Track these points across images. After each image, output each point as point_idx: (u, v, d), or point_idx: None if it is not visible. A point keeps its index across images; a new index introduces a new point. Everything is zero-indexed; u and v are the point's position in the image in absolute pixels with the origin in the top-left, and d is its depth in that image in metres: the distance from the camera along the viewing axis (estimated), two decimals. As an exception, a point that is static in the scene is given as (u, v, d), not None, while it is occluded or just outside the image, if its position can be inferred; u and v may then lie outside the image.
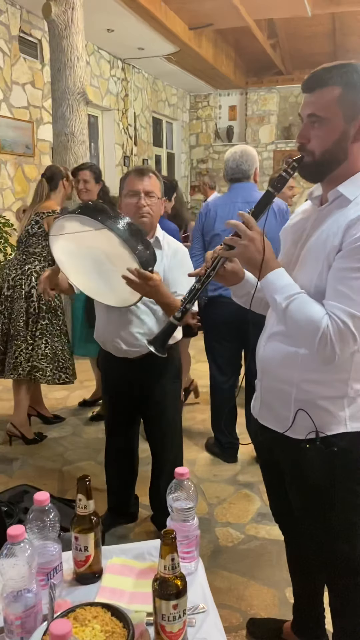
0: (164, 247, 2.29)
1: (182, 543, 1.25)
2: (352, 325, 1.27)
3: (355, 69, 1.32)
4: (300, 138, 1.38)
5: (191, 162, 10.36)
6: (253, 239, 1.37)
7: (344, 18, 7.84)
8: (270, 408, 1.55)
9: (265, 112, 9.77)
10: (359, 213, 1.28)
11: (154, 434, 2.52)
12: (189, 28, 6.61)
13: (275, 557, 2.48)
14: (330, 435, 1.43)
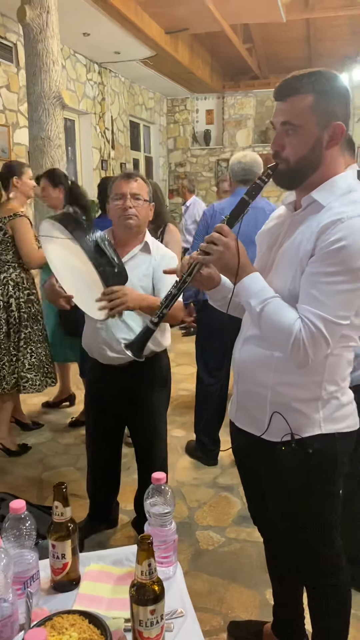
0: (152, 251, 2.28)
1: (159, 548, 1.24)
2: (324, 329, 1.28)
3: (325, 76, 1.34)
4: (275, 146, 1.39)
5: (169, 166, 10.38)
6: (228, 245, 1.38)
7: (317, 24, 7.94)
8: (246, 411, 1.56)
9: (242, 116, 9.84)
10: (332, 218, 1.29)
11: (140, 443, 2.50)
12: (165, 32, 6.63)
13: (255, 559, 2.49)
14: (305, 437, 1.44)
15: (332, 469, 1.50)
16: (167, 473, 2.75)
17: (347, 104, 1.38)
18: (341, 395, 1.48)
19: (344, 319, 1.30)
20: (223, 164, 9.99)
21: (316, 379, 1.42)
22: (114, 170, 7.86)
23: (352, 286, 1.28)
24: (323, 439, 1.45)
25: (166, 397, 2.52)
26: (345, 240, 1.25)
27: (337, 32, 8.22)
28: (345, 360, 1.46)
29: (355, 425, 1.52)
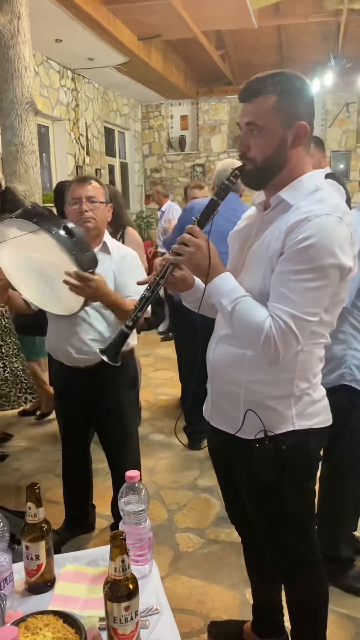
0: (112, 251, 2.29)
1: (135, 546, 1.24)
2: (294, 326, 1.30)
3: (288, 77, 1.36)
4: (241, 147, 1.41)
5: (145, 172, 10.40)
6: (199, 245, 1.39)
7: (289, 30, 8.05)
8: (221, 410, 1.56)
9: (216, 121, 9.91)
10: (300, 217, 1.31)
11: (110, 445, 2.49)
12: (137, 39, 6.65)
13: (235, 559, 2.50)
14: (278, 434, 1.45)
15: (306, 465, 1.52)
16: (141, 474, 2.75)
17: (311, 104, 1.41)
18: (313, 392, 1.49)
19: (313, 315, 1.32)
20: (198, 169, 10.05)
21: (288, 375, 1.44)
22: (90, 176, 7.86)
23: (320, 283, 1.30)
24: (296, 435, 1.46)
25: (135, 398, 2.52)
26: (312, 238, 1.27)
27: (307, 38, 8.34)
28: (316, 357, 1.48)
29: (328, 421, 1.54)
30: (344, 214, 1.32)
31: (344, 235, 1.30)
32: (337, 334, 2.04)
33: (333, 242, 1.28)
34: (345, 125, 9.40)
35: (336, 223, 1.29)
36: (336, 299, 1.41)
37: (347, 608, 2.18)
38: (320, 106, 9.45)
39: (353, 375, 2.07)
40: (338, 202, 1.35)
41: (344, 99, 9.28)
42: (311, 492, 1.59)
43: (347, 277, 1.37)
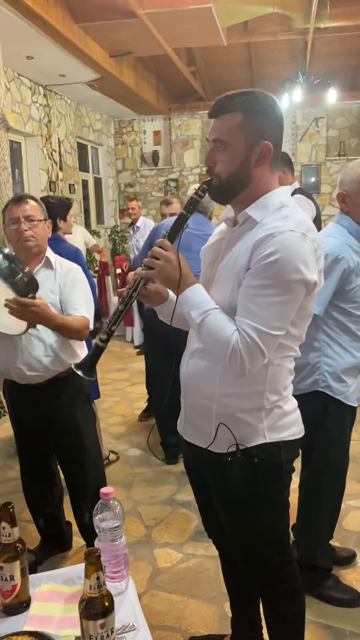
0: (56, 267, 2.30)
1: (110, 563, 1.24)
2: (259, 340, 1.32)
3: (256, 96, 1.40)
4: (208, 162, 1.45)
5: (119, 186, 10.43)
6: (169, 258, 1.41)
7: (258, 47, 8.20)
8: (194, 424, 1.57)
9: (189, 137, 10.01)
10: (265, 233, 1.34)
11: (68, 461, 2.47)
12: (109, 56, 6.71)
13: (213, 573, 2.49)
14: (250, 447, 1.46)
15: (278, 478, 1.53)
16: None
17: (278, 125, 1.43)
18: (284, 404, 1.51)
19: (278, 329, 1.34)
20: (172, 184, 10.12)
21: (258, 389, 1.45)
22: (62, 192, 7.84)
23: (285, 298, 1.33)
24: (268, 448, 1.47)
25: (91, 412, 2.51)
26: (277, 254, 1.30)
27: (276, 55, 8.51)
28: (286, 370, 1.51)
29: (299, 433, 1.56)
30: (308, 231, 1.35)
31: (308, 251, 1.33)
32: (312, 342, 2.09)
33: (297, 258, 1.31)
34: (314, 139, 9.58)
35: (300, 239, 1.32)
36: (303, 313, 1.43)
37: (325, 618, 2.20)
38: (291, 121, 9.63)
39: (326, 381, 2.11)
40: (302, 219, 1.37)
41: (313, 114, 9.47)
42: (284, 502, 1.60)
43: (314, 292, 1.40)
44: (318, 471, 2.24)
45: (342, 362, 2.11)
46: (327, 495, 2.27)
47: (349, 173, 2.07)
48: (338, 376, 2.12)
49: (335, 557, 2.49)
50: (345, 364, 2.12)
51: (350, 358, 2.12)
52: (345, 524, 2.82)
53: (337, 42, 7.83)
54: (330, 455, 2.21)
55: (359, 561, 2.54)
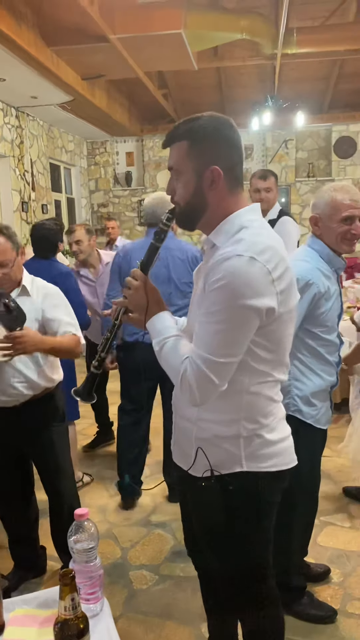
0: (32, 293, 2.28)
1: (85, 584, 1.23)
2: (206, 368, 1.30)
3: (201, 122, 1.39)
4: (168, 191, 1.47)
5: (92, 207, 10.46)
6: (137, 287, 1.46)
7: (228, 72, 8.39)
8: (179, 445, 1.58)
9: (161, 158, 10.12)
10: (217, 259, 1.34)
11: (46, 482, 2.47)
12: (81, 78, 6.77)
13: (190, 593, 2.48)
14: (225, 474, 1.44)
15: (255, 509, 1.49)
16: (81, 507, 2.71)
17: (229, 146, 1.40)
18: (267, 433, 1.45)
19: (227, 357, 1.31)
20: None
21: (234, 416, 1.43)
22: (35, 212, 7.83)
23: (231, 325, 1.30)
24: (245, 477, 1.44)
25: (66, 431, 2.51)
26: (224, 280, 1.28)
27: (245, 79, 8.71)
28: (265, 397, 1.45)
29: (286, 464, 1.51)
30: (260, 253, 1.30)
31: (257, 275, 1.28)
32: None
33: (242, 283, 1.27)
34: (284, 161, 9.78)
35: (247, 263, 1.28)
36: (274, 336, 1.39)
37: (301, 635, 2.20)
38: (261, 143, 9.83)
39: (297, 405, 2.10)
40: (257, 241, 1.33)
41: (283, 137, 9.68)
42: (264, 531, 1.56)
43: (279, 315, 1.35)
44: (291, 494, 2.20)
45: (312, 385, 2.10)
46: (298, 516, 2.26)
47: (323, 196, 2.07)
48: (308, 400, 2.10)
49: (310, 573, 2.50)
50: (314, 387, 2.11)
51: (319, 381, 2.11)
52: (319, 540, 2.84)
53: (304, 67, 8.07)
54: (302, 477, 2.14)
55: (333, 577, 2.56)
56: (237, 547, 1.52)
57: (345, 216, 2.01)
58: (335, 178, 9.55)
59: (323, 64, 8.09)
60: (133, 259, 3.13)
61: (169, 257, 3.03)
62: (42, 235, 3.35)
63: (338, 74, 8.42)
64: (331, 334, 2.10)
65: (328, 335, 2.09)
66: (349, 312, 4.34)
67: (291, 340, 1.49)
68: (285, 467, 1.51)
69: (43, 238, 3.34)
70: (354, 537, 2.89)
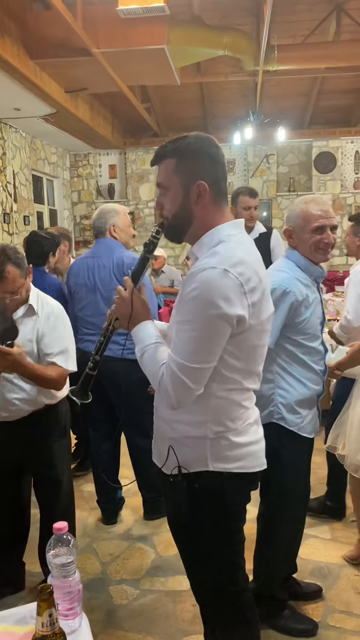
0: (38, 313, 2.27)
1: (64, 600, 1.22)
2: (181, 373, 1.38)
3: (188, 141, 1.48)
4: (157, 206, 1.56)
5: (74, 218, 10.45)
6: (124, 297, 1.54)
7: (210, 87, 8.50)
8: (156, 445, 1.65)
9: (144, 171, 10.16)
10: (192, 270, 1.42)
11: (41, 496, 2.45)
12: (64, 91, 6.80)
13: (171, 608, 2.46)
14: (192, 472, 1.51)
15: (222, 507, 1.54)
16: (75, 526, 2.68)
17: (214, 163, 1.49)
18: (234, 436, 1.51)
19: (200, 362, 1.38)
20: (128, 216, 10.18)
21: (201, 418, 1.50)
22: (17, 224, 7.80)
23: (204, 333, 1.37)
24: (210, 476, 1.51)
25: (67, 446, 2.49)
26: (196, 291, 1.37)
27: (228, 95, 8.82)
28: (232, 403, 1.51)
29: (252, 467, 1.56)
30: (233, 265, 1.37)
31: (229, 286, 1.35)
32: (266, 374, 2.09)
33: (215, 293, 1.34)
34: (266, 175, 9.89)
35: (220, 275, 1.35)
36: (245, 345, 1.46)
37: (282, 649, 2.19)
38: (243, 158, 9.93)
39: (280, 413, 2.12)
40: (231, 255, 1.40)
41: (264, 151, 9.79)
42: (232, 533, 1.60)
43: (249, 326, 1.41)
44: (275, 504, 2.24)
45: (296, 393, 2.12)
46: (284, 527, 2.26)
47: (295, 210, 2.15)
48: (292, 407, 2.12)
49: (301, 592, 2.48)
50: (299, 395, 2.12)
51: (303, 389, 2.13)
52: (301, 552, 2.83)
53: (286, 84, 8.21)
54: (287, 488, 2.19)
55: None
56: (203, 546, 1.57)
57: (316, 226, 2.08)
58: (315, 193, 9.68)
59: (304, 80, 8.23)
60: (72, 272, 3.14)
61: (95, 266, 3.01)
62: (35, 241, 3.38)
63: (318, 90, 8.57)
64: (314, 341, 2.13)
65: (311, 343, 2.12)
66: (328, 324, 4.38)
67: (264, 352, 1.56)
68: (251, 470, 1.56)
69: (36, 243, 3.39)
70: (335, 549, 2.89)
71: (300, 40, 6.77)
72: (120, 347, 2.19)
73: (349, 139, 9.79)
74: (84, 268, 3.05)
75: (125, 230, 3.11)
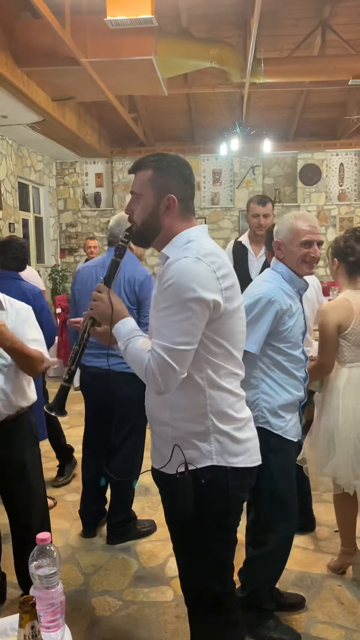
0: (6, 308, 2.30)
1: (47, 612, 1.20)
2: (167, 356, 1.45)
3: (166, 158, 1.63)
4: (127, 211, 1.68)
5: (60, 226, 10.42)
6: (102, 298, 1.62)
7: (197, 98, 8.55)
8: (157, 450, 1.69)
9: (130, 180, 10.12)
10: (167, 263, 1.56)
11: (14, 505, 2.41)
12: (52, 100, 6.80)
13: (153, 619, 2.44)
14: (199, 468, 1.57)
15: (224, 501, 1.61)
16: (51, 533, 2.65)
17: (185, 181, 1.63)
18: (235, 431, 1.61)
19: (184, 344, 1.46)
20: (114, 225, 10.19)
21: (201, 411, 1.58)
22: (2, 231, 7.77)
23: (184, 315, 1.46)
24: (215, 471, 1.58)
25: (38, 455, 2.48)
26: (172, 279, 1.48)
27: (215, 106, 8.89)
28: (224, 390, 1.60)
29: (252, 462, 1.65)
30: (205, 255, 1.51)
31: (203, 272, 1.48)
32: (249, 379, 2.17)
33: (190, 279, 1.46)
34: (252, 186, 9.97)
35: (193, 262, 1.49)
36: (224, 329, 1.55)
37: (265, 660, 2.18)
38: (229, 169, 10.00)
39: (265, 417, 2.19)
40: (202, 247, 1.54)
41: (250, 163, 9.87)
42: (230, 530, 1.67)
43: (225, 310, 1.52)
44: (265, 509, 2.26)
45: (279, 398, 2.20)
46: (275, 533, 2.27)
47: (285, 224, 2.26)
48: (275, 412, 2.19)
49: (284, 602, 2.48)
50: (282, 400, 2.20)
51: (286, 395, 2.21)
52: (284, 563, 2.84)
53: (272, 96, 8.30)
54: (278, 493, 2.22)
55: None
56: (203, 542, 1.62)
57: (304, 240, 2.20)
58: (300, 204, 9.78)
59: (290, 93, 8.33)
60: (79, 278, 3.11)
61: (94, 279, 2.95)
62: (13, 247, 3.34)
63: (304, 103, 8.68)
64: (296, 349, 2.22)
65: (293, 351, 2.21)
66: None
67: (243, 339, 1.66)
68: (251, 465, 1.65)
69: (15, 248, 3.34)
70: (318, 559, 2.90)
71: (286, 54, 6.86)
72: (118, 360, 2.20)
73: (334, 152, 9.91)
74: (92, 276, 3.00)
75: None
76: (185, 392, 1.56)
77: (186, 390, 1.56)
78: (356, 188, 10.01)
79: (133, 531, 3.15)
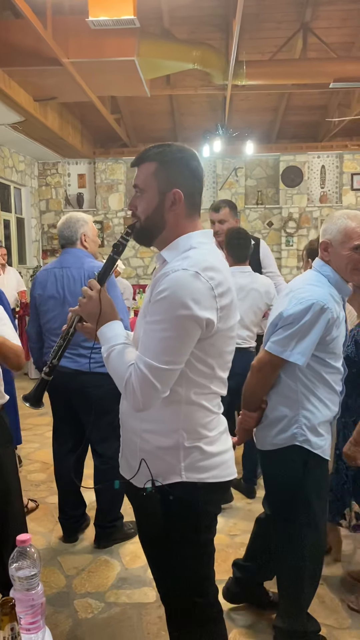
0: None
1: (27, 614, 1.19)
2: (149, 374, 1.36)
3: (171, 149, 1.51)
4: (130, 206, 1.56)
5: (42, 227, 10.36)
6: (91, 296, 1.51)
7: (180, 100, 8.57)
8: (125, 459, 1.62)
9: (113, 181, 10.16)
10: (163, 272, 1.43)
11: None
12: (34, 100, 6.76)
13: (135, 621, 2.44)
14: (166, 484, 1.49)
15: (194, 518, 1.53)
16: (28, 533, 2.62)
17: (191, 175, 1.51)
18: (206, 445, 1.51)
19: (169, 364, 1.37)
20: (97, 226, 10.13)
21: (173, 426, 1.49)
22: (-16, 231, 7.71)
23: (173, 333, 1.36)
24: (184, 487, 1.49)
25: (14, 454, 2.45)
26: (166, 291, 1.37)
27: (197, 108, 8.92)
28: (202, 408, 1.51)
29: (224, 476, 1.55)
30: (204, 270, 1.39)
31: (199, 289, 1.37)
32: (288, 393, 2.00)
33: (185, 295, 1.35)
34: (234, 188, 10.02)
35: (191, 277, 1.37)
36: (213, 350, 1.46)
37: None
38: (212, 170, 10.03)
39: (305, 435, 1.97)
40: (203, 259, 1.42)
41: (233, 165, 9.92)
42: (203, 544, 1.59)
43: (217, 330, 1.42)
44: (301, 533, 2.03)
45: (320, 415, 1.99)
46: (307, 553, 2.06)
47: (336, 223, 1.99)
48: (316, 429, 1.98)
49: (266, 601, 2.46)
50: (322, 417, 2.00)
51: (326, 411, 2.01)
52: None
53: (254, 98, 8.35)
54: (311, 511, 2.02)
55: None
56: (173, 557, 1.56)
57: (357, 244, 1.95)
58: (282, 206, 9.86)
59: (271, 96, 8.39)
60: (37, 281, 3.00)
61: (64, 277, 2.90)
62: None
63: (286, 106, 8.74)
64: (338, 361, 2.02)
65: (335, 363, 2.01)
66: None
67: (230, 359, 1.56)
68: (224, 479, 1.55)
69: None
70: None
71: (268, 56, 6.91)
72: (88, 360, 2.16)
73: (316, 154, 10.00)
74: (51, 279, 2.92)
75: (94, 240, 3.05)
76: (161, 405, 1.45)
77: (162, 403, 1.44)
78: (337, 190, 10.12)
79: (121, 531, 3.14)
